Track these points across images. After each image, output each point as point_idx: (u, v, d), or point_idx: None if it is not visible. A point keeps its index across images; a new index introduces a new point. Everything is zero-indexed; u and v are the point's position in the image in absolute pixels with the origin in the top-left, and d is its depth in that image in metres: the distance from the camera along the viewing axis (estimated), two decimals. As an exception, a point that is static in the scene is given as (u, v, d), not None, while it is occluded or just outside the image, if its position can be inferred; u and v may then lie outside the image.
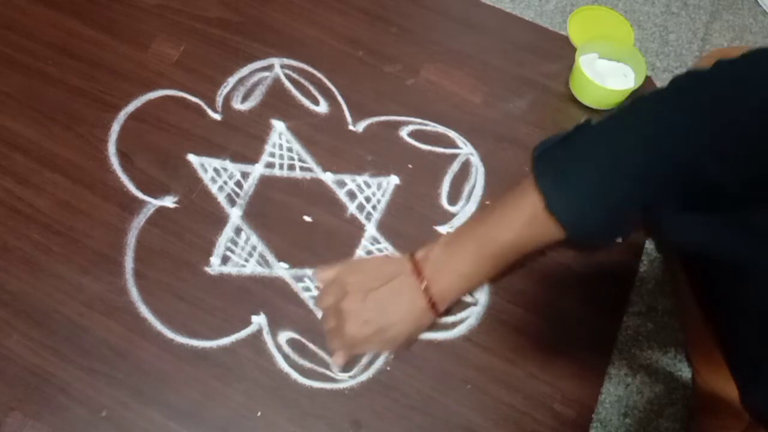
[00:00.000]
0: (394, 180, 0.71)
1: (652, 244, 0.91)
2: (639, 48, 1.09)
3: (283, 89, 0.75)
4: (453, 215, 0.69)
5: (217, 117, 0.72)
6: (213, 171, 0.69)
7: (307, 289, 0.64)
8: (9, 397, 0.57)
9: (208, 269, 0.64)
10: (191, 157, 0.69)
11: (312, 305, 0.63)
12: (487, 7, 0.85)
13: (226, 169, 0.69)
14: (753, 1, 1.46)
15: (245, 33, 0.78)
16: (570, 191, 0.50)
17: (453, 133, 0.74)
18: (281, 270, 0.65)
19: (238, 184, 0.68)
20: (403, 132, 0.74)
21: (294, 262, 0.65)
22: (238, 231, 0.66)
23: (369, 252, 0.66)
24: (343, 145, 0.72)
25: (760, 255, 0.46)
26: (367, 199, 0.69)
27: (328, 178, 0.70)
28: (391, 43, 0.79)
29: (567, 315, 0.66)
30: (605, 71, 0.80)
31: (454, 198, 0.71)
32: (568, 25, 1.00)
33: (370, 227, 0.68)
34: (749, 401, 0.49)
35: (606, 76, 0.79)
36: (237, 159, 0.70)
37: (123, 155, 0.69)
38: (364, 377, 0.61)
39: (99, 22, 0.76)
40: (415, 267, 0.58)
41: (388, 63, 0.78)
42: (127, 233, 0.65)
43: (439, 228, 0.69)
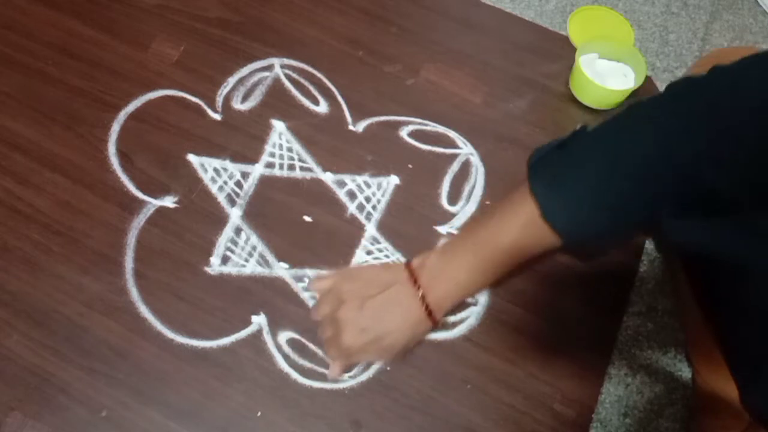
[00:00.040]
0: (394, 180, 0.71)
1: (652, 244, 0.91)
2: (639, 48, 1.09)
3: (283, 89, 0.75)
4: (453, 215, 0.69)
5: (217, 117, 0.72)
6: (213, 171, 0.69)
7: (308, 289, 0.64)
8: (9, 397, 0.57)
9: (208, 269, 0.64)
10: (191, 157, 0.69)
11: (312, 305, 0.63)
12: (487, 7, 0.85)
13: (226, 169, 0.69)
14: (753, 1, 1.46)
15: (245, 33, 0.78)
16: (566, 197, 0.51)
17: (453, 133, 0.74)
18: (281, 270, 0.65)
19: (238, 184, 0.68)
20: (403, 132, 0.74)
21: (294, 262, 0.65)
22: (238, 231, 0.66)
23: (369, 252, 0.66)
24: (343, 145, 0.72)
25: (760, 255, 0.46)
26: (367, 199, 0.69)
27: (328, 178, 0.70)
28: (391, 43, 0.79)
29: (567, 315, 0.66)
30: (605, 71, 0.79)
31: (454, 198, 0.71)
32: (568, 25, 1.00)
33: (370, 227, 0.68)
34: (749, 401, 0.49)
35: (606, 76, 0.79)
36: (237, 159, 0.70)
37: (123, 155, 0.69)
38: (364, 377, 0.61)
39: (99, 22, 0.76)
40: (412, 275, 0.58)
41: (388, 63, 0.78)
42: (127, 233, 0.65)
43: (439, 228, 0.69)
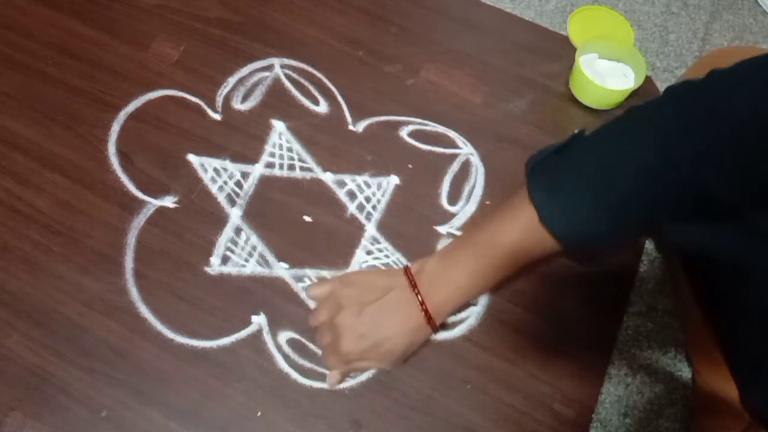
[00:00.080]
0: (394, 180, 0.71)
1: (652, 244, 0.91)
2: (639, 48, 1.09)
3: (283, 89, 0.75)
4: (453, 215, 0.69)
5: (217, 117, 0.72)
6: (213, 171, 0.69)
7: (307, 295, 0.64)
8: (9, 397, 0.57)
9: (208, 269, 0.64)
10: (191, 157, 0.69)
11: (312, 305, 0.63)
12: (487, 7, 0.85)
13: (226, 169, 0.69)
14: (753, 1, 1.46)
15: (245, 33, 0.78)
16: (564, 201, 0.50)
17: (453, 133, 0.74)
18: (281, 270, 0.65)
19: (238, 184, 0.68)
20: (403, 132, 0.74)
21: (294, 262, 0.65)
22: (238, 231, 0.66)
23: (369, 252, 0.66)
24: (343, 145, 0.72)
25: (760, 255, 0.46)
26: (367, 199, 0.69)
27: (328, 178, 0.70)
28: (391, 43, 0.79)
29: (567, 315, 0.66)
30: (605, 71, 0.79)
31: (454, 198, 0.71)
32: (568, 25, 1.00)
33: (370, 227, 0.68)
34: (749, 401, 0.49)
35: (606, 76, 0.79)
36: (237, 159, 0.70)
37: (123, 155, 0.69)
38: (364, 377, 0.61)
39: (99, 22, 0.76)
40: (411, 280, 0.57)
41: (388, 63, 0.78)
42: (127, 233, 0.65)
43: (439, 228, 0.69)
